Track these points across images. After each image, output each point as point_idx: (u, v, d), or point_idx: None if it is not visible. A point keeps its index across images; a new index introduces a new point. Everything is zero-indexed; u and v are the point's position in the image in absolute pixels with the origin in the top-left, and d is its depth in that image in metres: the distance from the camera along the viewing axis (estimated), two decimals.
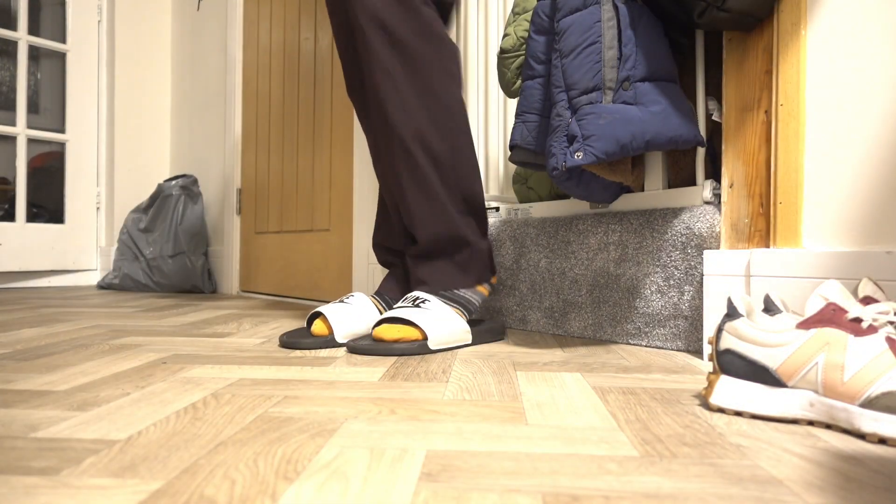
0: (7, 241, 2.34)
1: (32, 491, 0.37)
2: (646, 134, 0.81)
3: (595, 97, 0.83)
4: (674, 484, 0.40)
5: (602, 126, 0.81)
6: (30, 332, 1.10)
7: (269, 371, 0.75)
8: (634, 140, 0.81)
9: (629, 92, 0.83)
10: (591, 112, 0.82)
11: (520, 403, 0.60)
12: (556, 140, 0.85)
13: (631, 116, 0.82)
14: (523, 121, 0.96)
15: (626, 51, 0.84)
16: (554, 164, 0.84)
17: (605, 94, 0.83)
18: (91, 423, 0.52)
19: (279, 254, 2.05)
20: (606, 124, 0.81)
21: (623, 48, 0.84)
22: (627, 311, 1.00)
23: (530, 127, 0.96)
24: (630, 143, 0.81)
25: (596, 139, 0.81)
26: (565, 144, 0.83)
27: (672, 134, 0.83)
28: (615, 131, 0.80)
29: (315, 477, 0.40)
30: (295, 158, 2.00)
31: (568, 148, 0.83)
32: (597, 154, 0.80)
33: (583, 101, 0.84)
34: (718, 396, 0.57)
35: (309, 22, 1.94)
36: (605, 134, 0.80)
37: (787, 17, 0.79)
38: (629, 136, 0.81)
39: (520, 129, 0.97)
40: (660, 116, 0.82)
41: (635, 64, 0.84)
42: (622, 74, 0.83)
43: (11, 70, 2.40)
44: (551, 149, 0.85)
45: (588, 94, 0.84)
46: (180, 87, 2.66)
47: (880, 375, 0.49)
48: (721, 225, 0.88)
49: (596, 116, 0.82)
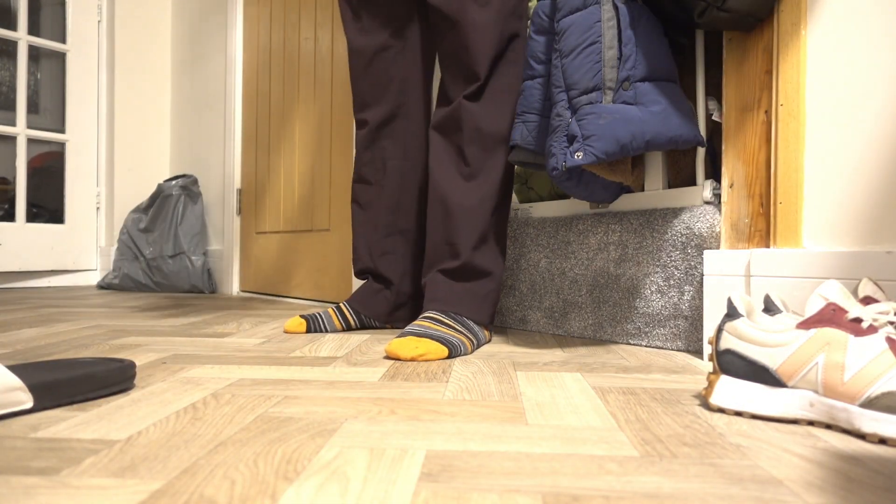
0: (7, 241, 2.34)
1: (32, 491, 0.37)
2: (646, 134, 0.81)
3: (595, 97, 0.83)
4: (674, 484, 0.40)
5: (602, 126, 0.81)
6: (30, 332, 1.10)
7: (269, 371, 0.75)
8: (634, 140, 0.81)
9: (629, 92, 0.83)
10: (592, 112, 0.82)
11: (520, 403, 0.60)
12: (556, 140, 0.85)
13: (631, 116, 0.82)
14: (523, 121, 0.96)
15: (626, 51, 0.83)
16: (554, 164, 0.84)
17: (605, 94, 0.83)
18: (91, 423, 0.52)
19: (279, 254, 2.05)
20: (606, 124, 0.81)
21: (623, 48, 0.84)
22: (627, 311, 1.00)
23: (530, 127, 0.95)
24: (630, 143, 0.81)
25: (596, 139, 0.81)
26: (565, 144, 0.83)
27: (672, 134, 0.83)
28: (615, 131, 0.80)
29: (315, 477, 0.40)
30: (295, 158, 2.00)
31: (568, 148, 0.83)
32: (597, 154, 0.80)
33: (583, 101, 0.84)
34: (718, 396, 0.57)
35: (309, 22, 1.94)
36: (605, 134, 0.80)
37: (787, 17, 0.79)
38: (629, 136, 0.81)
39: (520, 128, 0.97)
40: (660, 116, 0.82)
41: (635, 64, 0.83)
42: (622, 74, 0.83)
43: (11, 70, 2.40)
44: (551, 149, 0.85)
45: (588, 94, 0.84)
46: (180, 87, 2.66)
47: (880, 375, 0.49)
48: (721, 225, 0.88)
49: (596, 116, 0.82)
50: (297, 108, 1.99)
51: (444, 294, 0.98)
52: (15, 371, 0.59)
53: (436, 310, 0.96)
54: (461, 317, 0.95)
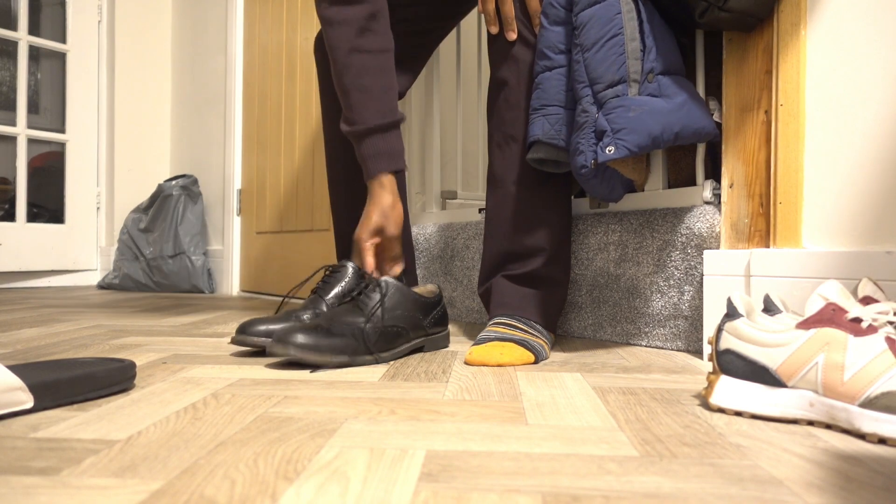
0: (7, 241, 2.34)
1: (32, 491, 0.37)
2: (674, 126, 0.79)
3: (621, 90, 0.81)
4: (674, 484, 0.40)
5: (632, 119, 0.79)
6: (30, 332, 1.10)
7: (269, 371, 0.75)
8: (665, 132, 0.79)
9: (653, 84, 0.81)
10: (620, 105, 0.80)
11: (520, 403, 0.60)
12: (583, 137, 0.82)
13: (659, 108, 0.80)
14: (544, 114, 0.89)
15: (648, 42, 0.81)
16: (582, 162, 0.81)
17: (631, 87, 0.81)
18: (91, 423, 0.52)
19: (279, 254, 2.05)
20: (636, 117, 0.79)
21: (645, 39, 0.82)
22: (627, 311, 1.00)
23: (553, 120, 0.89)
24: (661, 135, 0.79)
25: (627, 132, 0.78)
26: (594, 140, 0.81)
27: (697, 126, 0.81)
28: (646, 124, 0.78)
29: (315, 477, 0.40)
30: (295, 158, 2.00)
31: (597, 144, 0.80)
32: (629, 147, 0.78)
33: (609, 95, 0.81)
34: (718, 396, 0.57)
35: (309, 22, 1.94)
36: (636, 127, 0.78)
37: (787, 17, 0.79)
38: (660, 128, 0.79)
39: (541, 122, 0.90)
40: (684, 108, 0.80)
41: (656, 56, 0.82)
42: (647, 66, 0.81)
43: (11, 70, 2.40)
44: (578, 146, 0.82)
45: (613, 87, 0.81)
46: (180, 87, 2.66)
47: (880, 375, 0.49)
48: (721, 225, 0.88)
49: (625, 109, 0.79)
50: (297, 108, 1.99)
51: (533, 301, 0.94)
52: (15, 371, 0.59)
53: (506, 315, 0.92)
54: (530, 321, 0.92)
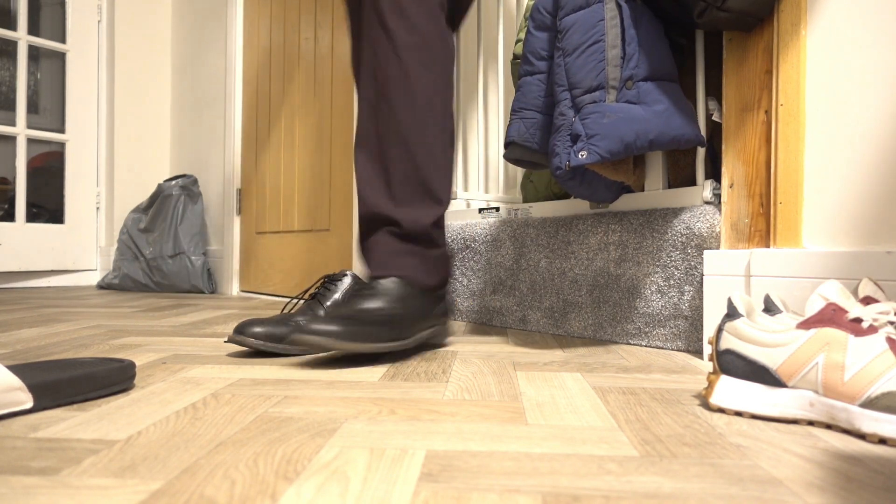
0: (7, 241, 2.34)
1: (32, 491, 0.37)
2: (649, 133, 0.81)
3: (598, 96, 0.83)
4: (674, 484, 0.40)
5: (606, 125, 0.81)
6: (30, 332, 1.10)
7: (269, 371, 0.75)
8: (638, 139, 0.81)
9: (632, 91, 0.83)
10: (595, 111, 0.82)
11: (520, 403, 0.60)
12: (559, 139, 0.85)
13: (635, 115, 0.81)
14: (521, 117, 0.95)
15: (630, 50, 0.83)
16: (557, 164, 0.84)
17: (609, 93, 0.83)
18: (91, 423, 0.52)
19: (279, 254, 2.05)
20: (610, 123, 0.81)
21: (626, 47, 0.83)
22: (627, 311, 1.00)
23: (528, 124, 0.95)
24: (634, 142, 0.81)
25: (600, 138, 0.80)
26: (569, 144, 0.83)
27: (675, 134, 0.82)
28: (619, 130, 0.80)
29: (315, 477, 0.40)
30: (295, 158, 2.00)
31: (572, 147, 0.82)
32: (601, 153, 0.80)
33: (586, 100, 0.84)
34: (718, 396, 0.57)
35: (309, 22, 1.94)
36: (610, 133, 0.80)
37: (787, 17, 0.79)
38: (633, 135, 0.80)
39: (517, 125, 0.96)
40: (663, 116, 0.82)
41: (638, 63, 0.83)
42: (625, 73, 0.83)
43: (11, 70, 2.40)
44: (555, 148, 0.85)
45: (591, 92, 0.83)
46: (180, 87, 2.66)
47: (880, 375, 0.49)
48: (721, 225, 0.88)
49: (600, 115, 0.81)
50: (297, 108, 1.99)
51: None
52: (15, 371, 0.59)
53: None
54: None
